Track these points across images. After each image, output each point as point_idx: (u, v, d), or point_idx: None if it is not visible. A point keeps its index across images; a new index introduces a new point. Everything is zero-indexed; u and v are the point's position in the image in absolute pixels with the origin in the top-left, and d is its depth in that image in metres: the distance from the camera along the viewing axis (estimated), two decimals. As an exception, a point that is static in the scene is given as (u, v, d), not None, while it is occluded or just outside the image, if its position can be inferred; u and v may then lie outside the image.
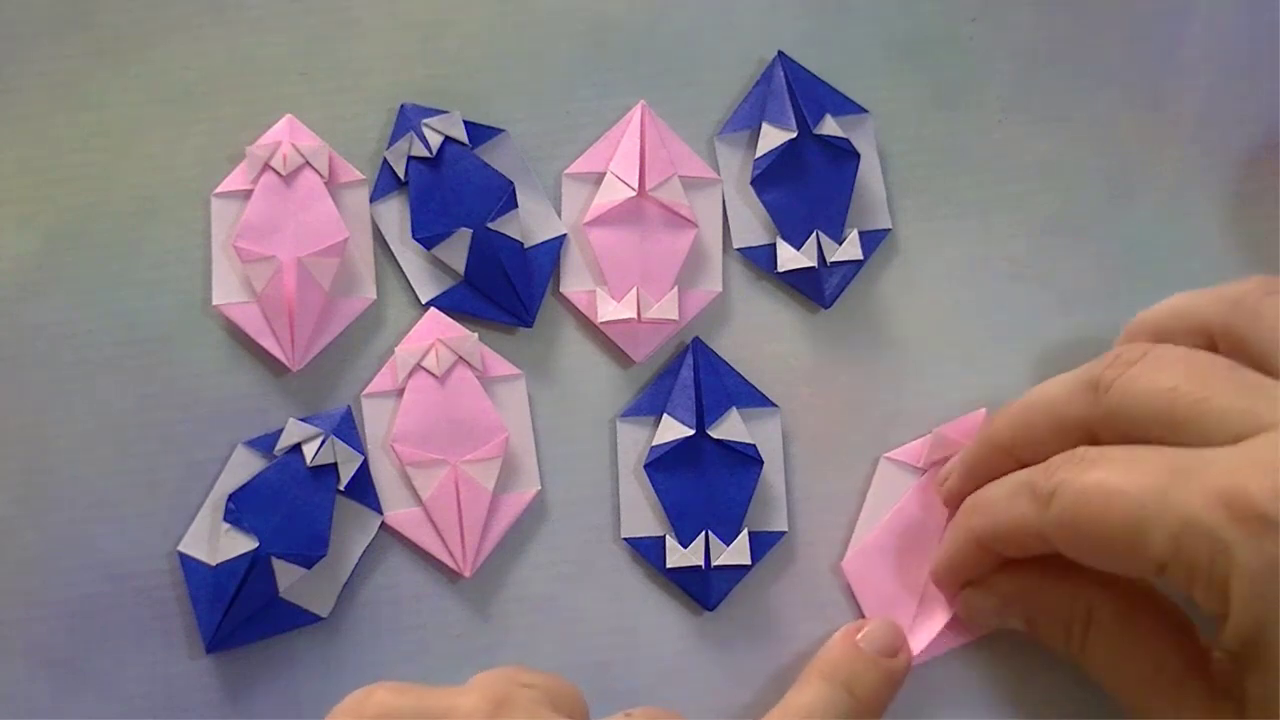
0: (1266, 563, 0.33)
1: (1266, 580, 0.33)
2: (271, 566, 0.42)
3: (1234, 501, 0.33)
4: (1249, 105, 0.48)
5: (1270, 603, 0.33)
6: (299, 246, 0.44)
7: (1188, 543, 0.34)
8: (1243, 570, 0.33)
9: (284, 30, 0.47)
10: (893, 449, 0.45)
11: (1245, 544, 0.33)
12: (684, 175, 0.46)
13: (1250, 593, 0.33)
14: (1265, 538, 0.33)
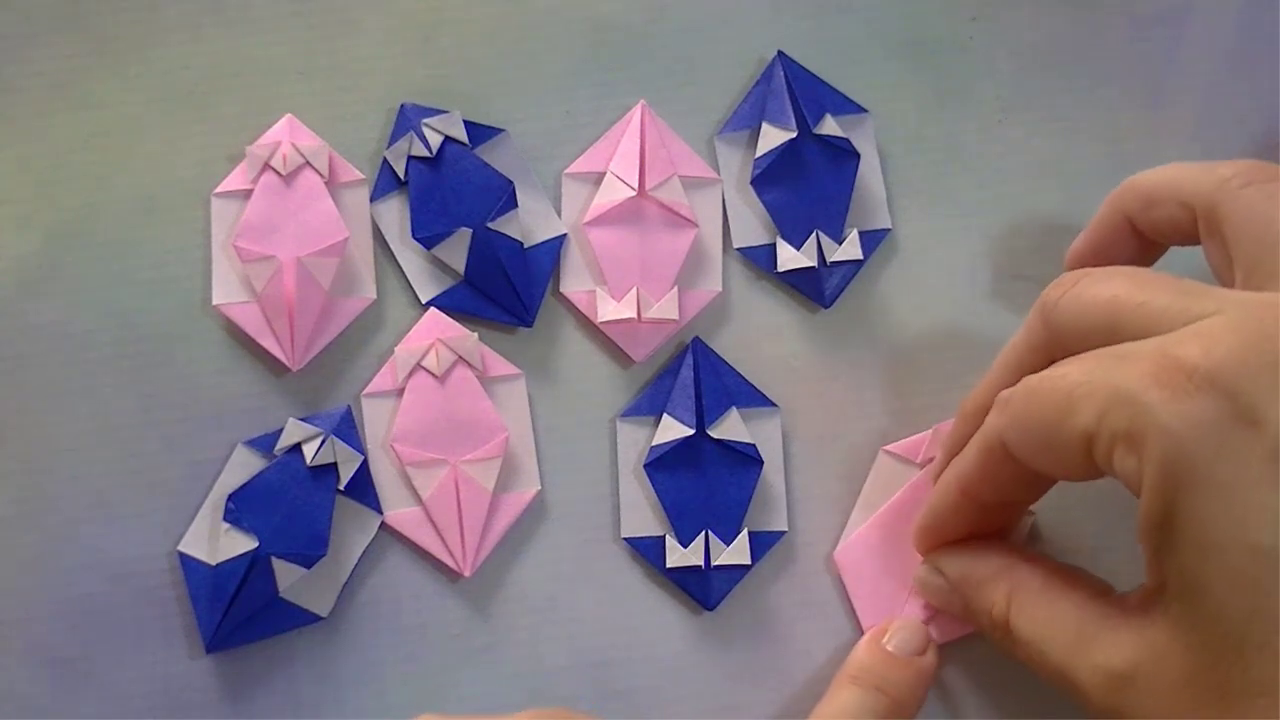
0: (1185, 423, 0.32)
1: (1183, 441, 0.32)
2: (271, 566, 0.42)
3: (1161, 368, 0.32)
4: (1249, 105, 0.48)
5: (1185, 466, 0.32)
6: (299, 246, 0.44)
7: (1112, 410, 0.33)
8: (1160, 431, 0.32)
9: (284, 30, 0.47)
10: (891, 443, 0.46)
11: (1165, 405, 0.32)
12: (684, 175, 0.47)
13: (1165, 455, 0.32)
14: (1185, 399, 0.32)
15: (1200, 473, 0.32)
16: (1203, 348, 0.32)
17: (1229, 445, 0.32)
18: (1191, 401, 0.32)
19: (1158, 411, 0.32)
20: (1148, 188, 0.40)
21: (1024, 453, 0.37)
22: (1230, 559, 0.32)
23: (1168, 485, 0.32)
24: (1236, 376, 0.32)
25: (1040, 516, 0.45)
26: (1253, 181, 0.37)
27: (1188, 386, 0.32)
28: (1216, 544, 0.32)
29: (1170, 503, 0.32)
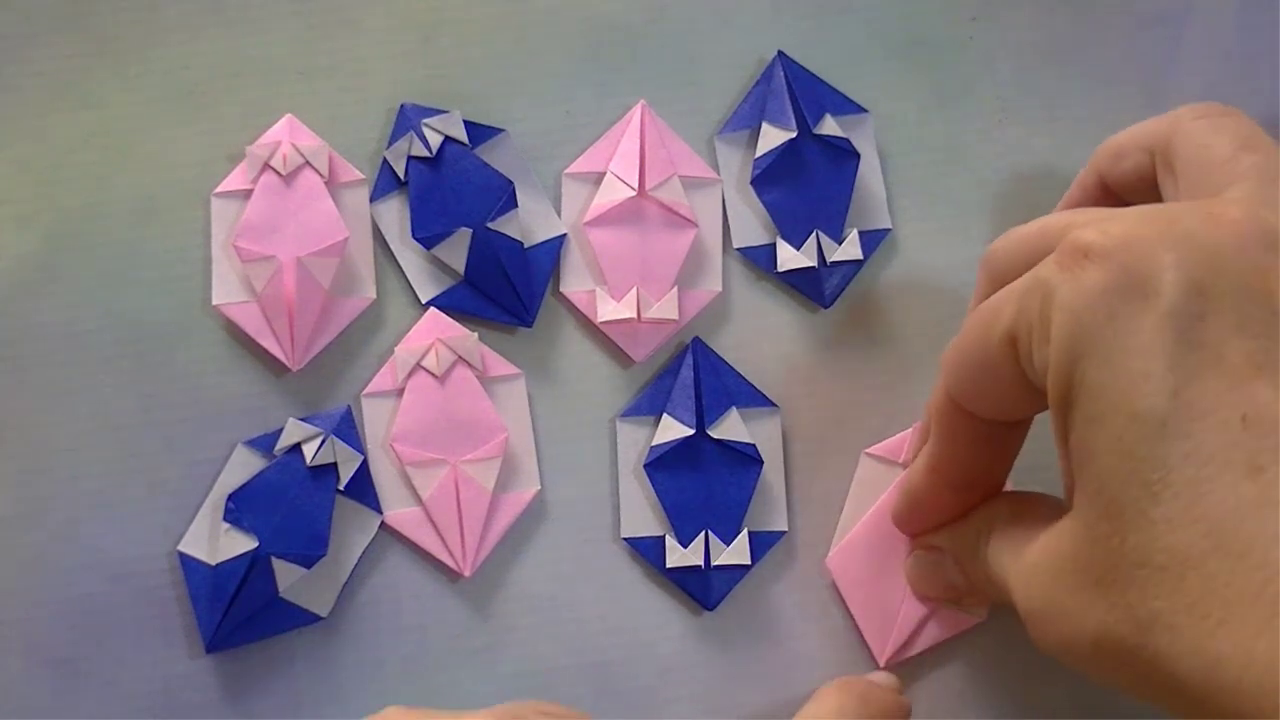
0: (1080, 295, 0.32)
1: (1078, 312, 0.32)
2: (271, 566, 0.42)
3: (1064, 252, 0.33)
4: (1249, 105, 0.48)
5: (1081, 336, 0.32)
6: (299, 246, 0.44)
7: (1027, 300, 0.34)
8: (1060, 306, 0.33)
9: (284, 30, 0.47)
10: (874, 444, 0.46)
11: (1066, 283, 0.33)
12: (684, 175, 0.47)
13: (1063, 328, 0.33)
14: (1082, 274, 0.32)
15: (1093, 342, 0.32)
16: (1102, 228, 0.33)
17: (1120, 314, 0.32)
18: (1085, 274, 0.33)
19: (1060, 289, 0.33)
20: (1116, 142, 0.41)
21: (965, 393, 0.38)
22: (1114, 427, 0.32)
23: (1067, 359, 0.33)
24: (1130, 249, 0.32)
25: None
26: (1204, 115, 0.38)
27: (1085, 263, 0.33)
28: (1102, 413, 0.32)
29: (1069, 376, 0.33)
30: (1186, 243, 0.32)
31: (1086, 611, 0.33)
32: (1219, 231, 0.33)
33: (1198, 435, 0.31)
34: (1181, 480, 0.31)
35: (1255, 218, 0.33)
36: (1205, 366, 0.31)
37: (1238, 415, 0.31)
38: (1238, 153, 0.36)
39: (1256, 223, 0.33)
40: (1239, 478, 0.30)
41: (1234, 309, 0.32)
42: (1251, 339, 0.32)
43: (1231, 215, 0.33)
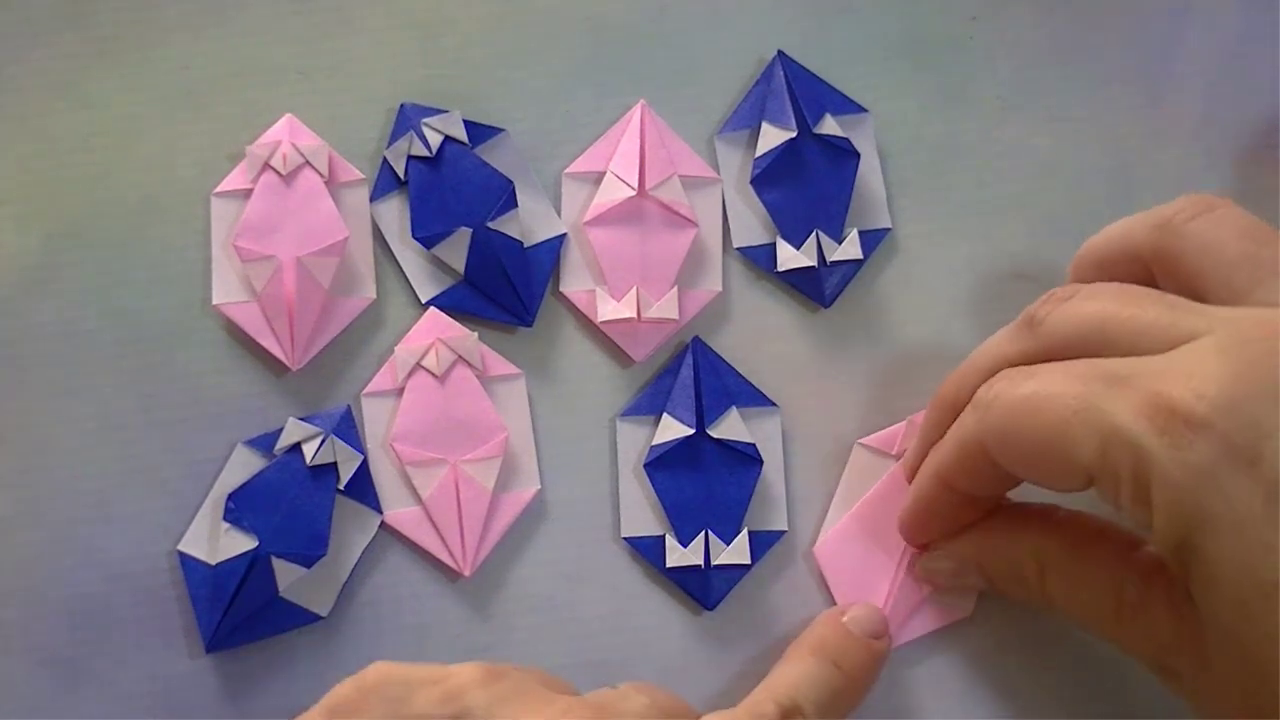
0: (1186, 472, 0.32)
1: (1186, 489, 0.32)
2: (271, 566, 0.42)
3: (1157, 410, 0.33)
4: (1249, 105, 0.48)
5: (1191, 511, 0.32)
6: (299, 246, 0.44)
7: (1113, 452, 0.34)
8: (1163, 479, 0.33)
9: (284, 30, 0.47)
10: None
11: (1165, 452, 0.33)
12: (684, 175, 0.47)
13: (1171, 502, 0.33)
14: (1185, 446, 0.32)
15: (1205, 517, 0.32)
16: (1194, 389, 0.33)
17: (1230, 488, 0.32)
18: (1191, 450, 0.32)
19: (1160, 459, 0.33)
20: (1097, 254, 0.41)
21: (1008, 461, 0.37)
22: (1236, 594, 0.33)
23: (1176, 527, 0.33)
24: (1230, 417, 0.32)
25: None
26: (1196, 214, 0.38)
27: (1186, 434, 0.33)
28: (1223, 579, 0.33)
29: (1181, 540, 0.33)
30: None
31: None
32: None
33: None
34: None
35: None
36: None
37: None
38: (1251, 248, 0.37)
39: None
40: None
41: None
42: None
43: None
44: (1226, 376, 0.33)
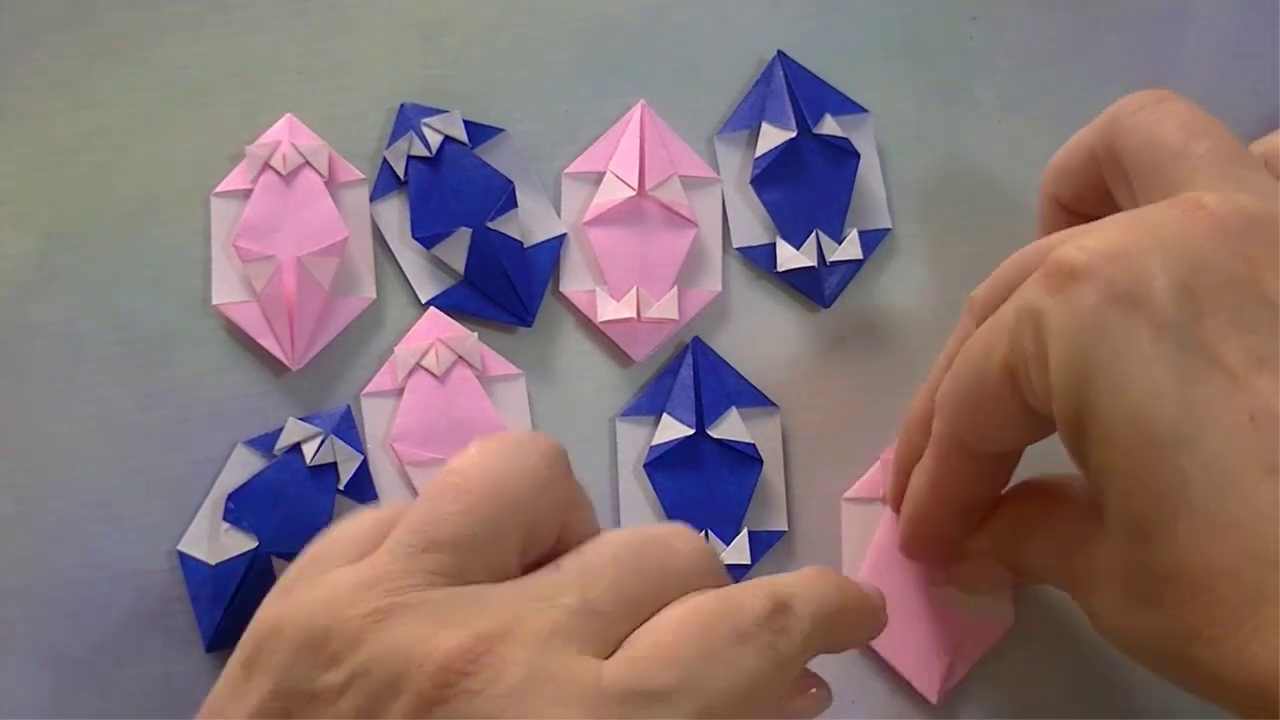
0: (1072, 318, 0.32)
1: (1074, 339, 0.32)
2: (271, 566, 0.42)
3: (1050, 274, 0.33)
4: (1249, 105, 0.48)
5: (1081, 365, 0.32)
6: (299, 246, 0.44)
7: (1019, 329, 0.33)
8: (1056, 332, 0.32)
9: (284, 30, 0.47)
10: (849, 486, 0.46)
11: (1055, 306, 0.32)
12: (684, 175, 0.46)
13: (1062, 359, 0.32)
14: (1071, 291, 0.32)
15: (1094, 364, 0.32)
16: (1081, 244, 0.33)
17: (1115, 330, 0.32)
18: (1074, 295, 0.32)
19: (1049, 315, 0.32)
20: (1058, 160, 0.40)
21: (968, 432, 0.37)
22: (1128, 447, 0.31)
23: (1071, 385, 0.32)
24: (1114, 261, 0.32)
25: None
26: (1143, 105, 0.38)
27: (1070, 283, 0.32)
28: (1115, 435, 0.32)
29: (1076, 401, 0.32)
30: (1168, 244, 0.32)
31: (1137, 624, 0.33)
32: (1197, 227, 0.32)
33: (1210, 443, 0.31)
34: (1201, 492, 0.31)
35: (1229, 204, 0.33)
36: (1207, 370, 0.31)
37: (1245, 416, 0.31)
38: (1188, 141, 0.36)
39: (1232, 209, 0.33)
40: (1256, 481, 0.30)
41: (1226, 305, 0.32)
42: (1248, 333, 0.31)
43: (1206, 207, 0.33)
44: (1114, 233, 0.33)
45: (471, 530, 0.31)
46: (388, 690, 0.29)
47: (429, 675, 0.29)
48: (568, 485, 0.33)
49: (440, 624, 0.29)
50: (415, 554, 0.31)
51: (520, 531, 0.32)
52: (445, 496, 0.32)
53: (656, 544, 0.33)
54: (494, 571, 0.31)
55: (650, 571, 0.32)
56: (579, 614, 0.30)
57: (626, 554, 0.32)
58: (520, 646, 0.29)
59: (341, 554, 0.32)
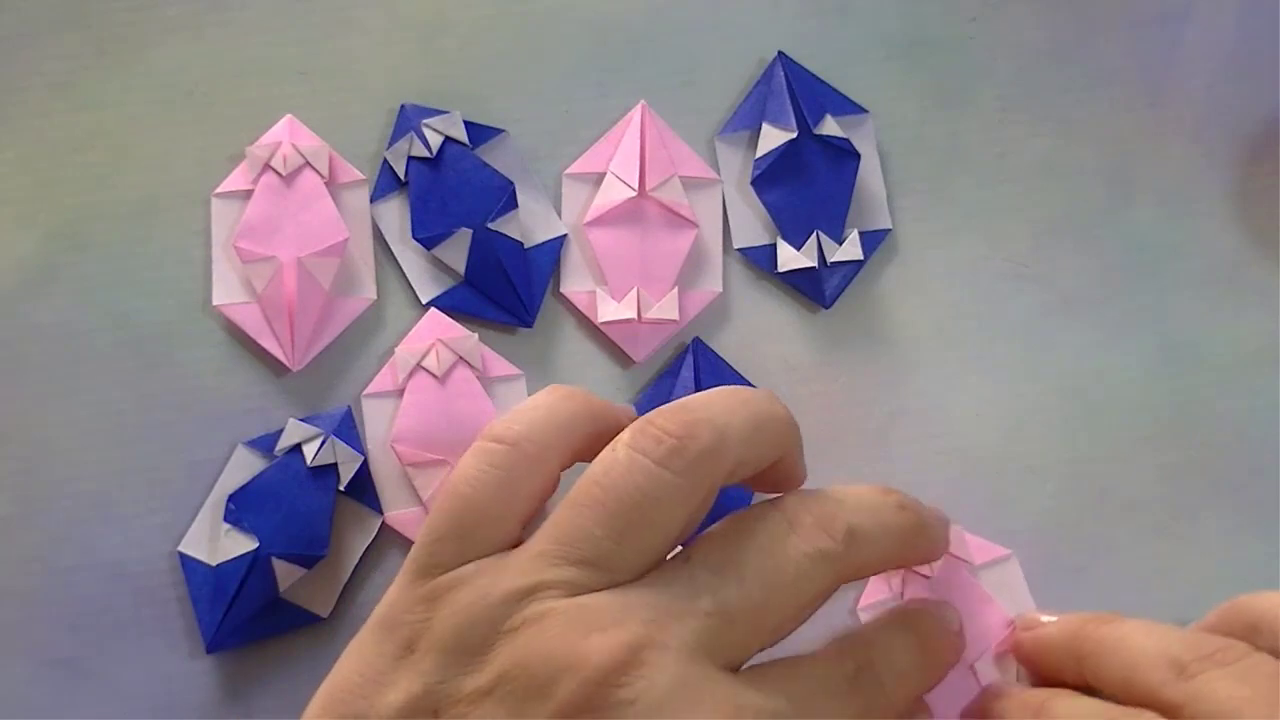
0: None
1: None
2: (272, 566, 0.42)
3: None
4: (1249, 105, 0.48)
5: None
6: (299, 246, 0.44)
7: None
8: None
9: (284, 30, 0.47)
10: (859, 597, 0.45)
11: None
12: (684, 175, 0.46)
13: None
14: None
15: None
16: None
17: None
18: None
19: None
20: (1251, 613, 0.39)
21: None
22: None
23: None
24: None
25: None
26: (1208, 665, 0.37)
27: None
28: None
29: None
30: None
31: None
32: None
33: None
34: None
35: None
36: None
37: None
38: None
39: None
40: None
41: None
42: None
43: None
44: None
45: (610, 550, 0.32)
46: (536, 695, 0.30)
47: (580, 681, 0.30)
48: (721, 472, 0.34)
49: (587, 630, 0.31)
50: (561, 566, 0.32)
51: (663, 534, 0.33)
52: (587, 512, 0.33)
53: (774, 521, 0.34)
54: (638, 570, 0.33)
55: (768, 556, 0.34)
56: (716, 619, 0.32)
57: (750, 545, 0.34)
58: (670, 658, 0.31)
59: (493, 532, 0.33)
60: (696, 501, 0.33)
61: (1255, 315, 0.46)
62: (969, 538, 0.44)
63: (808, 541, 0.34)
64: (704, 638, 0.32)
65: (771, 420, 0.35)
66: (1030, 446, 0.45)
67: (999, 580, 0.44)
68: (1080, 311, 0.46)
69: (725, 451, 0.34)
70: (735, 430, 0.34)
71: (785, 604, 0.34)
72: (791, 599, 0.34)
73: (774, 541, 0.34)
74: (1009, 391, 0.46)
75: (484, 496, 0.33)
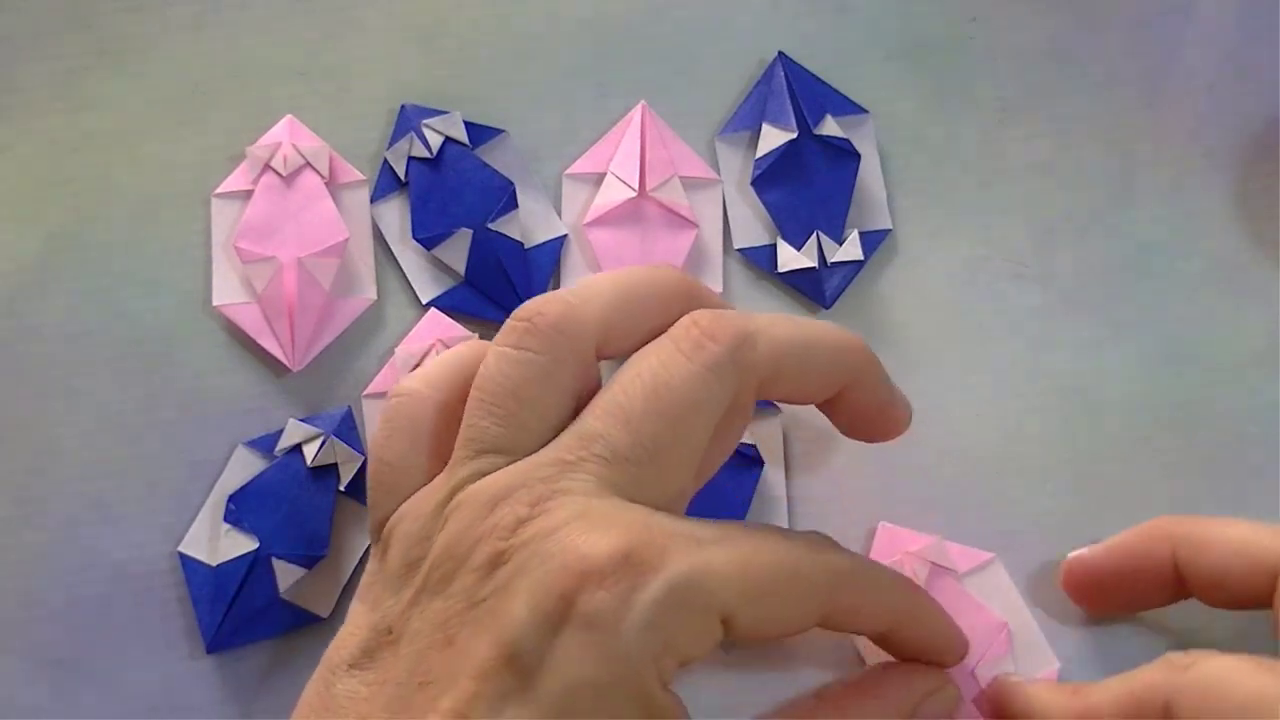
0: None
1: None
2: (272, 567, 0.42)
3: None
4: (1249, 105, 0.48)
5: None
6: (299, 247, 0.44)
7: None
8: None
9: (284, 30, 0.47)
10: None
11: None
12: (684, 175, 0.46)
13: None
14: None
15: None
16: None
17: None
18: None
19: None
20: (1204, 538, 0.40)
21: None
22: None
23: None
24: None
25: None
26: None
27: None
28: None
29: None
30: None
31: None
32: None
33: None
34: None
35: None
36: None
37: None
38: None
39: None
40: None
41: None
42: None
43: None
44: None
45: (500, 434, 0.34)
46: (456, 572, 0.32)
47: (492, 542, 0.32)
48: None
49: (492, 503, 0.33)
50: (467, 462, 0.34)
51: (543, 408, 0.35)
52: (474, 410, 0.35)
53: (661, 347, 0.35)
54: (539, 444, 0.34)
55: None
56: (612, 462, 0.33)
57: (637, 383, 0.34)
58: (571, 498, 0.32)
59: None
60: (567, 371, 0.34)
61: (1255, 315, 0.46)
62: (950, 546, 0.44)
63: (693, 357, 0.34)
64: (604, 478, 0.33)
65: (650, 285, 0.36)
66: (1030, 446, 0.45)
67: (986, 585, 0.44)
68: (1080, 311, 0.46)
69: (578, 318, 0.34)
70: (597, 298, 0.35)
71: (683, 432, 0.34)
72: (686, 424, 0.34)
73: (660, 369, 0.34)
74: (1009, 391, 0.46)
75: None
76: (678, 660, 0.32)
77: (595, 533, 0.31)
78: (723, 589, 0.32)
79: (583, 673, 0.31)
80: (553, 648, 0.31)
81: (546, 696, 0.31)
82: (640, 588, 0.31)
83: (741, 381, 0.35)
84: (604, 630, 0.31)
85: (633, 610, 0.31)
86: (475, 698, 0.31)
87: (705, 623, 0.32)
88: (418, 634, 0.32)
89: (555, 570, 0.31)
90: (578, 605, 0.31)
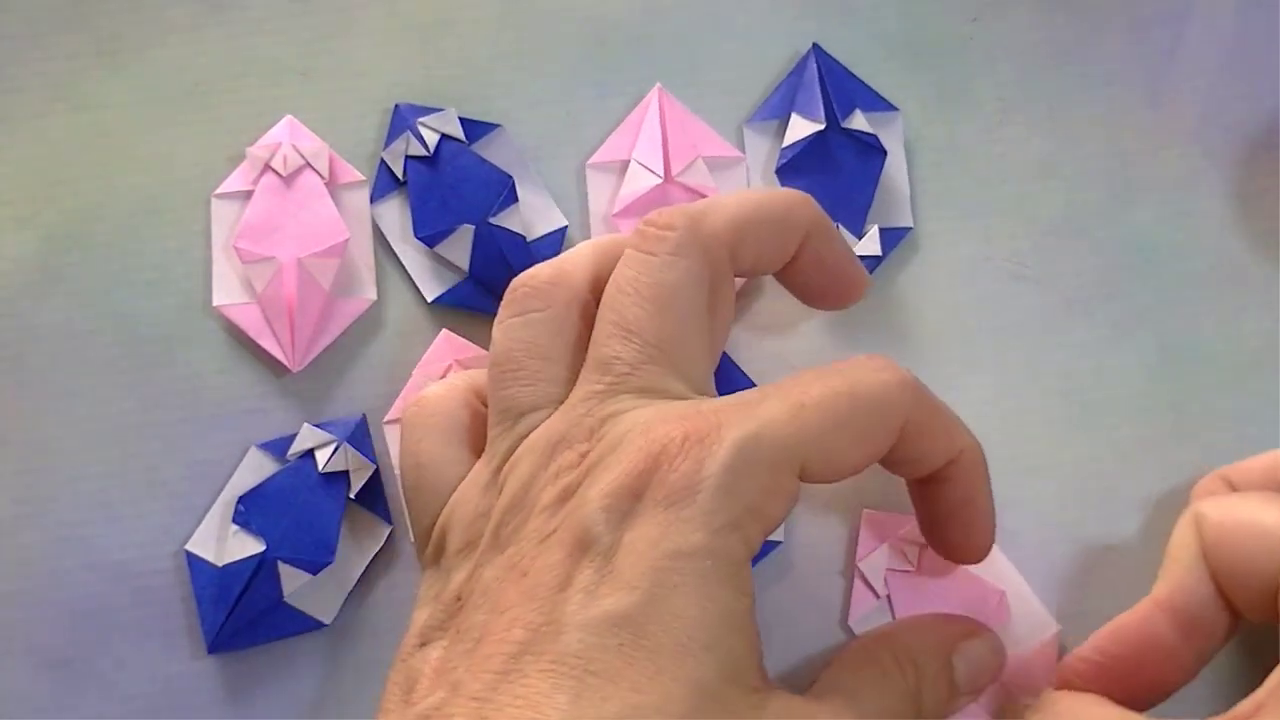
0: None
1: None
2: (278, 570, 0.42)
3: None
4: (1249, 105, 0.48)
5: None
6: (299, 247, 0.44)
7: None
8: None
9: (284, 30, 0.47)
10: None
11: None
12: (707, 155, 0.46)
13: None
14: None
15: None
16: None
17: None
18: None
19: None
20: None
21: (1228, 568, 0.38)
22: None
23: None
24: None
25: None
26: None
27: None
28: None
29: None
30: None
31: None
32: None
33: None
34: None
35: None
36: None
37: None
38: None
39: None
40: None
41: None
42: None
43: None
44: None
45: (520, 393, 0.37)
46: (520, 514, 0.34)
47: (549, 479, 0.34)
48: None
49: (550, 448, 0.35)
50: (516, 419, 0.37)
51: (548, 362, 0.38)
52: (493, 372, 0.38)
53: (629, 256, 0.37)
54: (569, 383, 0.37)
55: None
56: (627, 375, 0.36)
57: (623, 290, 0.37)
58: (618, 415, 0.35)
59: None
60: (574, 315, 0.38)
61: (1255, 315, 0.46)
62: None
63: (657, 250, 0.37)
64: (636, 388, 0.35)
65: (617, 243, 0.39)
66: (1030, 446, 0.45)
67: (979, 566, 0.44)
68: (1080, 311, 0.46)
69: (567, 269, 0.38)
70: (578, 252, 0.39)
71: (679, 318, 0.36)
72: (678, 310, 0.36)
73: (634, 275, 0.36)
74: (1009, 391, 0.46)
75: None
76: (760, 525, 0.33)
77: (652, 431, 0.33)
78: (787, 437, 0.33)
79: (665, 547, 0.31)
80: (630, 528, 0.32)
81: (631, 574, 0.31)
82: (708, 458, 0.32)
83: (711, 253, 0.37)
84: (681, 504, 0.32)
85: (705, 479, 0.32)
86: (558, 602, 0.32)
87: (776, 478, 0.33)
88: (489, 584, 0.33)
89: (622, 468, 0.33)
90: (650, 489, 0.32)
